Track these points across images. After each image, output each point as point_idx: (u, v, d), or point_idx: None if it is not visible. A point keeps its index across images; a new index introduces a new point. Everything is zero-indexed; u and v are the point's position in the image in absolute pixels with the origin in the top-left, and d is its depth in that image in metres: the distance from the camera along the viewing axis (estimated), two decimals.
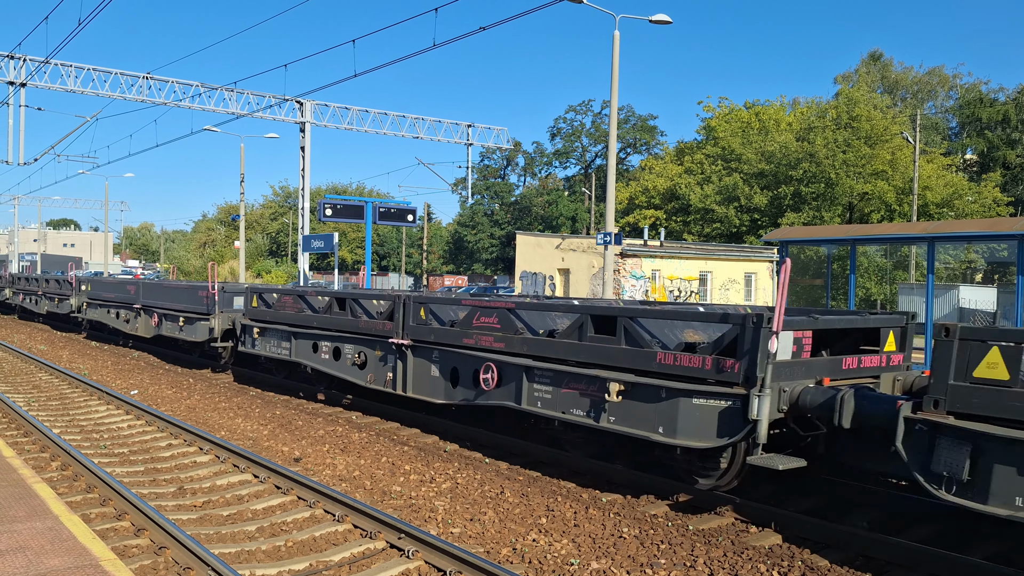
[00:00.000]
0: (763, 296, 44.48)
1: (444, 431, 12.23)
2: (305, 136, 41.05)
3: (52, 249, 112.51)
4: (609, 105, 26.67)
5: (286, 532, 7.77)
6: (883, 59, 71.08)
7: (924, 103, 67.51)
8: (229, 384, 17.23)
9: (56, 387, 16.62)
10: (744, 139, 56.33)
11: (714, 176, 55.56)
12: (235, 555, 7.09)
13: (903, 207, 48.62)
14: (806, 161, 49.69)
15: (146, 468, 10.22)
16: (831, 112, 53.69)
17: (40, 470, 9.68)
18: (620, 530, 7.84)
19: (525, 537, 7.67)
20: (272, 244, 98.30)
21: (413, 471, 10.01)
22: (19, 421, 12.39)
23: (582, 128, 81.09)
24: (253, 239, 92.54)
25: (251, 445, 11.51)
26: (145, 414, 13.20)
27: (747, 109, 61.76)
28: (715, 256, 44.15)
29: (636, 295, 39.35)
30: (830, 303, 18.47)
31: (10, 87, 33.97)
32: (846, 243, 18.34)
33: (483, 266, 73.17)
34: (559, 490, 9.20)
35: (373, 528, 7.57)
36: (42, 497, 7.38)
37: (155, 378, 17.98)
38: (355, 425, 12.83)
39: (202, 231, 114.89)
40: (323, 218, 28.86)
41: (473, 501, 8.79)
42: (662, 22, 25.29)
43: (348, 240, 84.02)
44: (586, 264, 42.22)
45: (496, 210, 74.41)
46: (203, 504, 8.73)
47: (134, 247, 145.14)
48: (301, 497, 8.72)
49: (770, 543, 7.48)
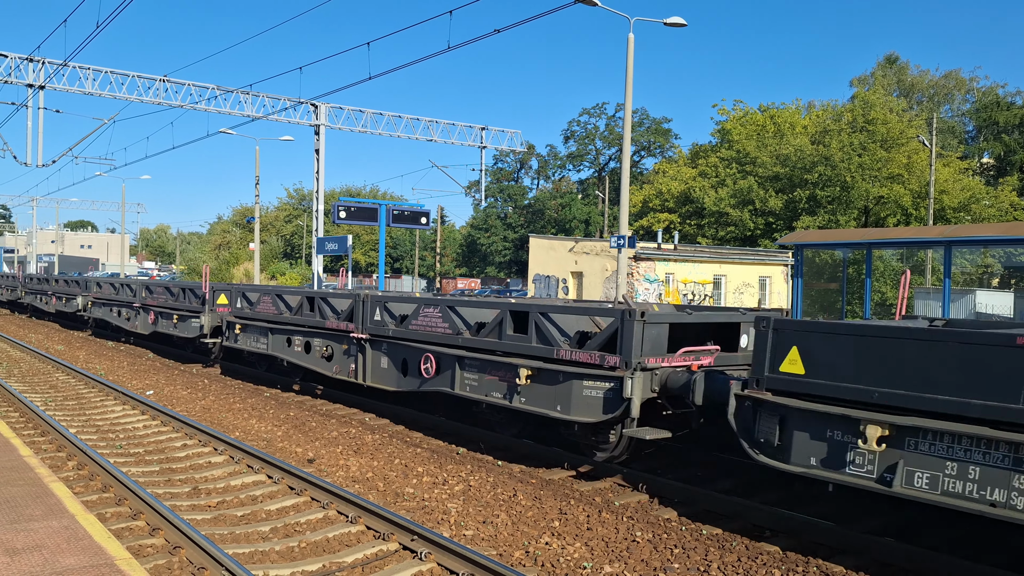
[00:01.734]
0: (777, 300, 44.25)
1: (457, 433, 12.24)
2: (320, 139, 41.22)
3: (69, 250, 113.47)
4: (623, 108, 26.64)
5: (300, 533, 7.79)
6: (899, 62, 70.72)
7: (940, 106, 67.08)
8: (241, 385, 17.32)
9: (73, 387, 16.74)
10: (759, 142, 56.13)
11: (728, 179, 55.36)
12: (249, 555, 7.12)
13: (919, 211, 48.30)
14: (821, 164, 49.43)
15: (161, 468, 10.28)
16: (847, 115, 53.40)
17: (57, 469, 9.75)
18: (633, 534, 7.82)
19: (538, 540, 7.66)
20: (287, 246, 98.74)
21: (426, 473, 10.01)
22: (36, 420, 12.48)
23: (596, 131, 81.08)
24: (268, 241, 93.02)
25: (265, 446, 11.55)
26: (160, 414, 13.28)
27: (762, 112, 61.52)
28: (729, 260, 43.97)
29: (650, 298, 39.25)
30: (845, 307, 18.38)
31: (29, 89, 34.28)
32: (861, 247, 18.25)
33: (496, 269, 73.18)
34: (572, 493, 9.18)
35: (386, 530, 7.58)
36: (58, 496, 7.44)
37: (170, 379, 18.09)
38: (368, 427, 12.86)
39: (217, 233, 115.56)
40: (337, 220, 28.96)
41: (486, 503, 8.79)
42: (677, 25, 25.24)
43: (362, 242, 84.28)
44: (599, 267, 42.16)
45: (509, 213, 74.43)
46: (217, 504, 8.77)
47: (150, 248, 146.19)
48: (315, 498, 8.75)
49: (785, 547, 7.44)
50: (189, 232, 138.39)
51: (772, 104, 62.82)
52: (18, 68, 33.74)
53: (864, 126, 50.43)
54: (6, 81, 33.76)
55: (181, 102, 37.44)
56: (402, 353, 12.82)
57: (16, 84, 34.20)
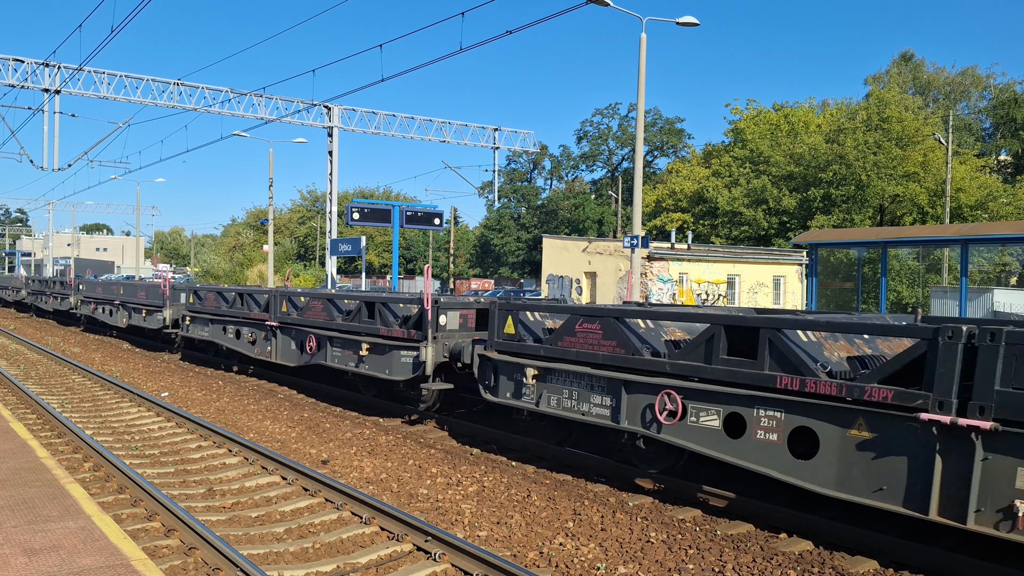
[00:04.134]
0: (792, 299, 44.02)
1: (471, 435, 12.25)
2: (333, 140, 41.33)
3: (85, 253, 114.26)
4: (636, 108, 26.56)
5: (314, 534, 7.81)
6: (915, 59, 70.20)
7: (957, 104, 66.54)
8: (257, 386, 17.39)
9: (89, 389, 16.86)
10: (772, 141, 55.83)
11: (742, 179, 55.11)
12: (263, 556, 7.13)
13: (935, 209, 47.93)
14: (836, 163, 49.12)
15: (176, 469, 10.33)
16: (861, 114, 53.04)
17: (73, 471, 9.81)
18: (648, 534, 7.79)
19: (552, 541, 7.65)
20: (300, 248, 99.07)
21: (440, 474, 10.01)
22: (53, 423, 12.57)
23: (609, 131, 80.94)
24: (281, 243, 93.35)
25: (279, 447, 11.59)
26: (175, 416, 13.35)
27: (775, 111, 61.22)
28: (743, 259, 43.77)
29: (663, 298, 39.14)
30: (860, 306, 18.25)
31: (45, 94, 34.56)
32: (877, 245, 18.14)
33: (510, 269, 73.16)
34: (586, 494, 9.16)
35: (400, 531, 7.59)
36: (75, 497, 7.48)
37: (185, 380, 18.18)
38: (382, 428, 12.88)
39: (231, 235, 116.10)
40: (350, 222, 29.05)
41: (500, 504, 8.78)
42: (689, 24, 25.14)
43: (375, 244, 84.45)
44: (613, 267, 42.06)
45: (523, 213, 74.39)
46: (232, 505, 8.80)
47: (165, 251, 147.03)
48: (329, 499, 8.76)
49: (800, 549, 7.40)
50: (203, 234, 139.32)
51: (786, 103, 62.56)
52: (34, 73, 34.03)
53: (879, 124, 50.07)
54: (23, 86, 34.06)
55: (195, 105, 37.65)
56: (299, 336, 16.27)
57: (32, 89, 34.50)
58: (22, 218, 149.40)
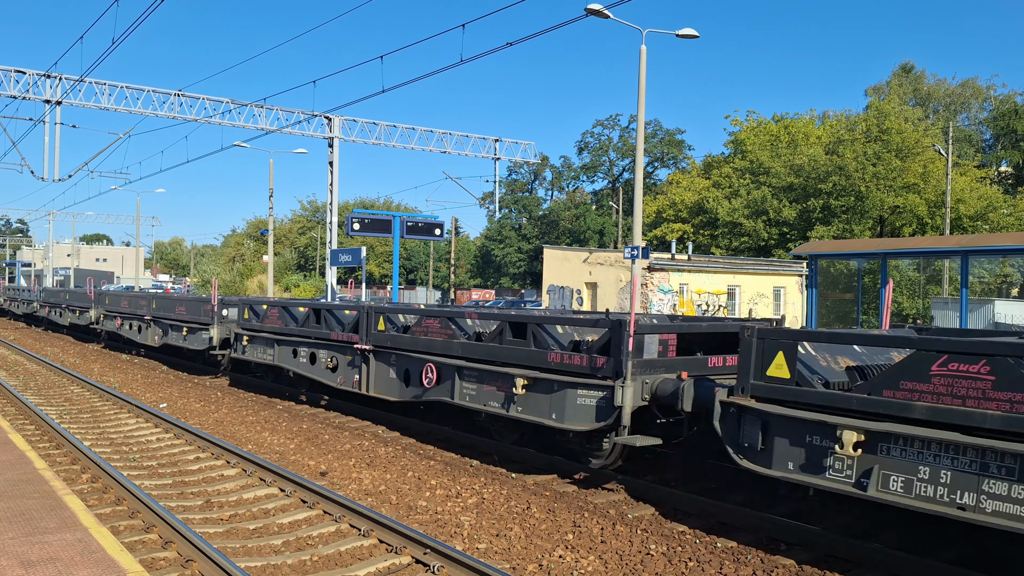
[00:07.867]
0: (792, 310, 44.01)
1: (471, 446, 12.21)
2: (333, 151, 41.42)
3: (85, 264, 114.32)
4: (636, 119, 26.61)
5: (312, 546, 7.77)
6: (915, 71, 70.38)
7: (957, 115, 66.65)
8: (254, 398, 17.36)
9: (87, 400, 16.83)
10: (772, 152, 55.92)
11: (742, 189, 55.19)
12: (261, 569, 7.10)
13: (936, 220, 47.93)
14: (836, 174, 49.19)
15: (174, 481, 10.29)
16: (861, 125, 53.14)
17: (71, 482, 9.78)
18: (647, 547, 7.75)
19: (551, 553, 7.61)
20: (300, 258, 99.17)
21: (439, 486, 9.98)
22: (51, 434, 12.54)
23: (609, 142, 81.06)
24: (281, 253, 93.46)
25: (278, 459, 11.55)
26: (173, 427, 13.32)
27: (776, 122, 61.35)
28: (743, 270, 43.78)
29: (664, 309, 39.12)
30: (860, 317, 18.24)
31: (46, 105, 34.69)
32: (877, 256, 18.15)
33: (511, 280, 73.14)
34: (586, 505, 9.12)
35: (399, 543, 7.55)
36: (72, 509, 7.45)
37: (183, 391, 18.15)
38: (381, 439, 12.84)
39: (231, 245, 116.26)
40: (351, 232, 29.05)
41: (499, 516, 8.74)
42: (689, 36, 25.22)
43: (376, 254, 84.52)
44: (614, 278, 42.06)
45: (524, 224, 74.42)
46: (230, 517, 8.76)
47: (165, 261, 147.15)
48: (327, 511, 8.73)
49: (799, 560, 7.36)
50: (203, 245, 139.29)
51: (786, 114, 62.69)
52: (36, 84, 34.16)
53: (879, 135, 50.17)
54: (24, 97, 34.17)
55: (196, 116, 37.77)
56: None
57: (34, 100, 34.63)
58: (23, 229, 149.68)
